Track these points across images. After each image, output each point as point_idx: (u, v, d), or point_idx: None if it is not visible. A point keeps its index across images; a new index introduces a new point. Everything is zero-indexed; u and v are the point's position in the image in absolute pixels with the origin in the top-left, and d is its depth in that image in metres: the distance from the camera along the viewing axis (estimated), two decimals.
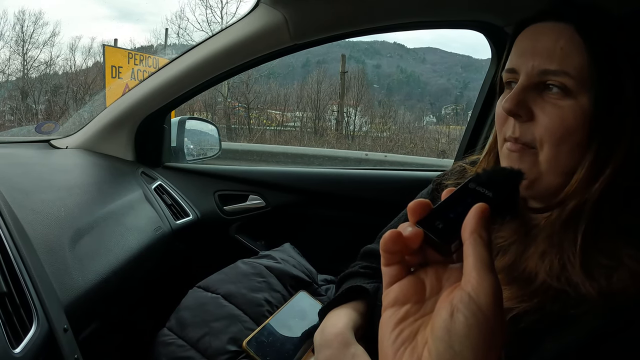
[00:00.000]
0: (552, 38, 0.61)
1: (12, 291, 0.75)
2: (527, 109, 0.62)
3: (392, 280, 0.43)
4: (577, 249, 0.56)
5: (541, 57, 0.61)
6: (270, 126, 14.54)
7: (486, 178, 0.45)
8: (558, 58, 0.60)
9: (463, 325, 0.36)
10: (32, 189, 1.05)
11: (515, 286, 0.59)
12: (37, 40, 14.10)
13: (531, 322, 0.55)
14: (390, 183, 1.66)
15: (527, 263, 0.60)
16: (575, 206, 0.58)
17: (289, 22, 1.27)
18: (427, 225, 0.41)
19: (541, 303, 0.55)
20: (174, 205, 1.55)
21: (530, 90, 0.62)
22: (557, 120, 0.59)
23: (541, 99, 0.61)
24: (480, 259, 0.37)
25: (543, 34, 0.62)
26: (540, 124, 0.61)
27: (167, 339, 1.04)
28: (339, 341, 0.78)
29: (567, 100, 0.59)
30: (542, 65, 0.61)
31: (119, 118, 1.57)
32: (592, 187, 0.58)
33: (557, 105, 0.60)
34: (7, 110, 13.29)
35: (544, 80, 0.61)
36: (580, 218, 0.57)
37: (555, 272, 0.56)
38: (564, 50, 0.60)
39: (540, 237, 0.61)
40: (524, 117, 0.62)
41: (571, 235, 0.57)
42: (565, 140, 0.59)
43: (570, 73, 0.59)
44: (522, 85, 0.62)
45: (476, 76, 19.76)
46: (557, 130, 0.59)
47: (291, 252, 1.36)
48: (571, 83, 0.59)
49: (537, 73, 0.61)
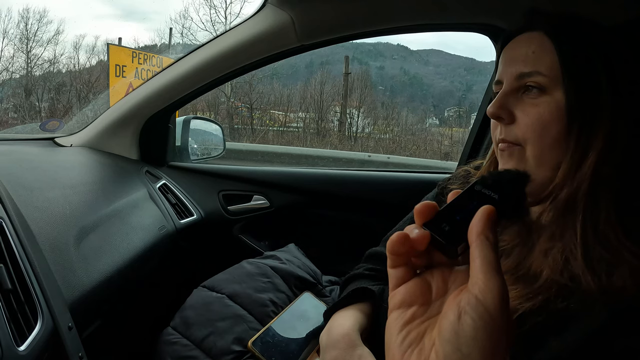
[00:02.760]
0: (525, 45, 0.67)
1: (17, 288, 0.75)
2: (508, 111, 0.67)
3: (399, 282, 0.44)
4: (577, 239, 0.57)
5: (517, 63, 0.67)
6: (273, 127, 14.56)
7: (492, 180, 0.45)
8: (531, 61, 0.65)
9: (470, 327, 0.36)
10: (37, 186, 1.05)
11: (521, 285, 0.60)
12: (42, 38, 14.15)
13: (536, 322, 0.55)
14: (394, 185, 1.66)
15: (532, 262, 0.61)
16: (569, 196, 0.60)
17: (295, 23, 1.27)
18: (434, 228, 0.42)
19: (546, 300, 0.56)
20: (179, 204, 1.56)
21: (511, 94, 0.68)
22: (535, 117, 0.64)
23: (521, 101, 0.67)
24: (487, 261, 0.37)
25: (519, 44, 0.69)
26: (522, 123, 0.66)
27: (172, 338, 1.04)
28: (345, 342, 0.79)
29: (543, 97, 0.64)
30: (519, 70, 0.66)
31: (124, 117, 1.57)
32: (578, 174, 0.60)
33: (534, 104, 0.65)
34: (11, 108, 13.34)
35: (522, 83, 0.66)
36: (575, 208, 0.59)
37: (559, 267, 0.57)
38: (535, 54, 0.65)
39: (543, 237, 0.62)
40: (506, 120, 0.67)
41: (571, 227, 0.59)
42: (545, 134, 0.64)
43: (543, 72, 0.64)
44: (504, 91, 0.68)
45: (479, 79, 19.75)
46: (536, 126, 0.64)
47: (296, 252, 1.36)
48: (545, 81, 0.64)
49: (515, 78, 0.67)
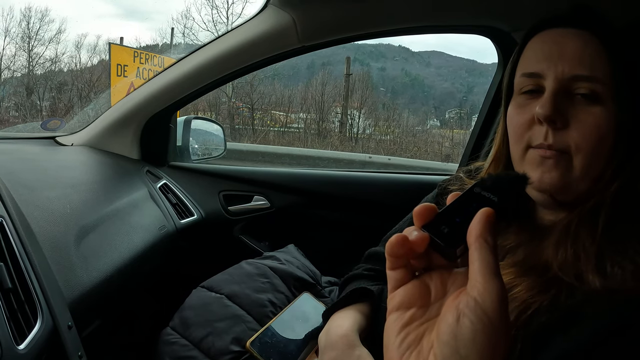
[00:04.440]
0: (580, 45, 0.61)
1: (17, 287, 0.75)
2: (562, 115, 0.60)
3: (397, 284, 0.44)
4: (595, 239, 0.56)
5: (571, 62, 0.60)
6: (274, 127, 14.55)
7: (491, 183, 0.45)
8: (588, 64, 0.60)
9: (469, 330, 0.36)
10: (37, 185, 1.05)
11: (533, 275, 0.59)
12: (43, 37, 14.13)
13: (545, 320, 0.55)
14: (395, 186, 1.66)
15: (542, 255, 0.60)
16: (596, 203, 0.59)
17: (297, 24, 1.27)
18: (433, 230, 0.42)
19: (557, 295, 0.55)
20: (179, 204, 1.56)
21: (562, 95, 0.61)
22: (592, 126, 0.59)
23: (572, 106, 0.61)
24: (486, 263, 0.37)
25: (569, 40, 0.62)
26: (576, 131, 0.60)
27: (171, 338, 1.05)
28: (344, 343, 0.78)
29: (597, 106, 0.59)
30: (573, 70, 0.60)
31: (125, 116, 1.57)
32: (611, 187, 0.59)
33: (589, 112, 0.60)
34: (12, 106, 13.33)
35: (574, 86, 0.61)
36: (599, 214, 0.58)
37: (567, 264, 0.56)
38: (592, 57, 0.60)
39: (554, 233, 0.61)
40: (559, 124, 0.60)
41: (589, 227, 0.58)
42: (600, 145, 0.59)
43: (601, 79, 0.59)
44: (555, 90, 0.61)
45: (481, 80, 19.70)
46: (594, 136, 0.59)
47: (295, 253, 1.36)
48: (601, 89, 0.59)
49: (568, 78, 0.61)
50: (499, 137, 0.74)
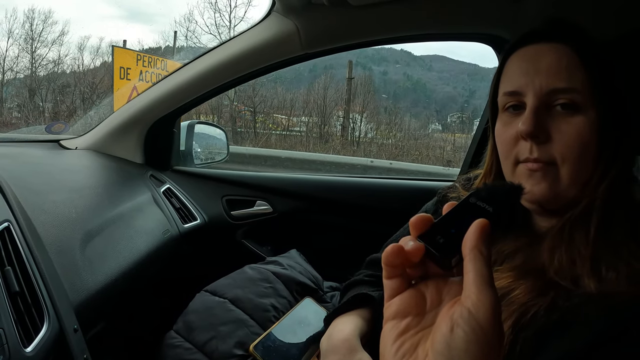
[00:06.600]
0: (555, 58, 0.63)
1: (24, 291, 0.76)
2: (544, 129, 0.62)
3: (394, 293, 0.44)
4: (589, 242, 0.57)
5: (547, 76, 0.62)
6: (275, 130, 14.54)
7: (486, 193, 0.46)
8: (565, 77, 0.61)
9: (462, 340, 0.37)
10: (43, 189, 1.07)
11: (532, 279, 0.59)
12: (46, 38, 14.19)
13: (544, 323, 0.55)
14: (397, 192, 1.67)
15: (539, 258, 0.61)
16: (585, 207, 0.60)
17: (300, 31, 1.29)
18: (428, 240, 0.42)
19: (555, 298, 0.56)
20: (182, 208, 1.57)
21: (542, 110, 0.63)
22: (574, 135, 0.61)
23: (551, 118, 0.62)
24: (480, 274, 0.38)
25: (544, 54, 0.64)
26: (559, 142, 0.62)
27: (174, 341, 1.05)
28: (346, 347, 0.79)
29: (577, 116, 0.61)
30: (551, 84, 0.62)
31: (130, 121, 1.59)
32: (599, 189, 0.61)
33: (570, 122, 0.61)
34: (14, 108, 13.36)
35: (553, 98, 0.62)
36: (591, 215, 0.59)
37: (563, 268, 0.57)
38: (568, 69, 0.62)
39: (549, 237, 0.62)
40: (541, 138, 0.62)
41: (583, 230, 0.59)
42: (584, 153, 0.61)
43: (578, 89, 0.61)
44: (534, 106, 0.63)
45: (482, 84, 19.70)
46: (577, 145, 0.61)
47: (297, 258, 1.37)
48: (579, 99, 0.61)
49: (547, 93, 0.62)
50: (489, 152, 0.75)
